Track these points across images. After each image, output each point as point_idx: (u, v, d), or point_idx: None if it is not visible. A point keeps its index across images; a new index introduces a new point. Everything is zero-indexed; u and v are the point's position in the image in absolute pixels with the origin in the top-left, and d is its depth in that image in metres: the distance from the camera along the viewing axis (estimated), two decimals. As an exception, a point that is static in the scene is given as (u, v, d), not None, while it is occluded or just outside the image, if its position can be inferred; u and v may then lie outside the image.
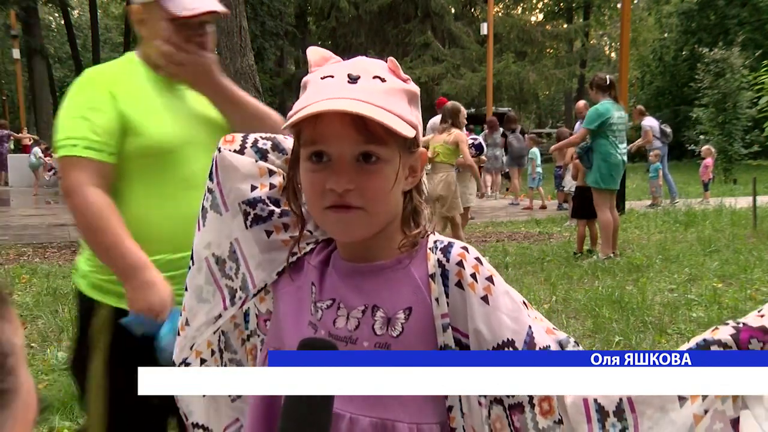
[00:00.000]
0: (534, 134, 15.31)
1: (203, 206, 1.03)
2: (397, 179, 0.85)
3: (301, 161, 0.86)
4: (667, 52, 31.02)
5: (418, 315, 0.87)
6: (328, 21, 27.54)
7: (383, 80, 0.83)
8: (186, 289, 1.06)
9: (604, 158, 6.18)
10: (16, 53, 22.96)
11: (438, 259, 0.88)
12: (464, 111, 6.46)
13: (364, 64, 0.85)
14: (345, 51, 24.10)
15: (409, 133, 0.81)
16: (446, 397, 0.86)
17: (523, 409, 0.84)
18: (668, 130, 12.45)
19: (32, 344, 3.91)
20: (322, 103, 0.78)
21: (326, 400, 0.65)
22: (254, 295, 1.00)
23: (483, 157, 7.71)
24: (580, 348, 0.88)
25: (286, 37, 26.34)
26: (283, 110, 1.00)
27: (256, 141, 1.01)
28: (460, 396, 0.86)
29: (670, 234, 7.90)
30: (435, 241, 0.91)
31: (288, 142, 1.01)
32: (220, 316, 1.02)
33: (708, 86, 17.56)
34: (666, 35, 32.99)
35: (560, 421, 0.83)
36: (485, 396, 0.85)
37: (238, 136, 1.02)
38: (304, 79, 0.87)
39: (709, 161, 12.39)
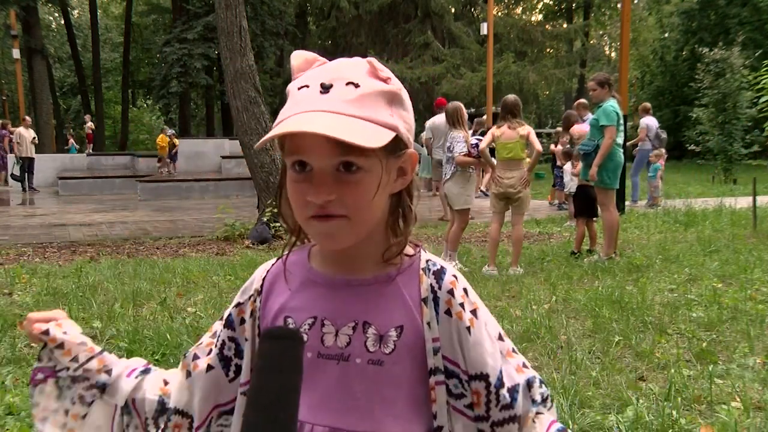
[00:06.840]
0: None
1: None
2: (381, 185, 0.82)
3: (287, 170, 0.84)
4: (667, 52, 31.06)
5: (409, 334, 0.86)
6: (328, 21, 27.58)
7: (357, 85, 0.80)
8: None
9: (610, 157, 6.09)
10: (16, 53, 22.98)
11: (431, 284, 0.88)
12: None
13: (340, 70, 0.82)
14: (345, 51, 24.14)
15: (385, 139, 0.78)
16: (434, 416, 0.87)
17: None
18: (664, 135, 12.28)
19: (32, 344, 3.91)
20: (293, 120, 0.77)
21: (293, 390, 0.65)
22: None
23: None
24: (544, 388, 0.93)
25: (286, 36, 26.35)
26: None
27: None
28: (449, 415, 0.88)
29: (670, 234, 7.90)
30: (428, 261, 0.90)
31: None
32: None
33: (708, 86, 17.56)
34: (666, 35, 33.02)
35: None
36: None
37: None
38: (288, 87, 0.86)
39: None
